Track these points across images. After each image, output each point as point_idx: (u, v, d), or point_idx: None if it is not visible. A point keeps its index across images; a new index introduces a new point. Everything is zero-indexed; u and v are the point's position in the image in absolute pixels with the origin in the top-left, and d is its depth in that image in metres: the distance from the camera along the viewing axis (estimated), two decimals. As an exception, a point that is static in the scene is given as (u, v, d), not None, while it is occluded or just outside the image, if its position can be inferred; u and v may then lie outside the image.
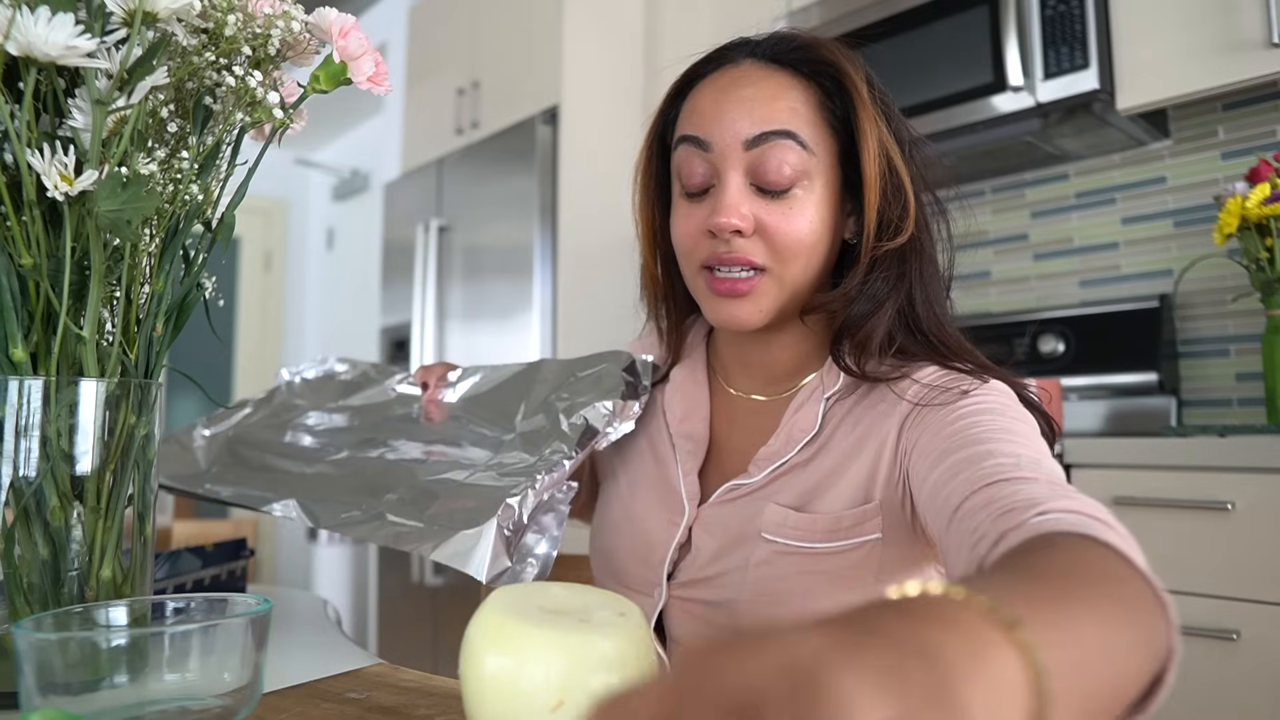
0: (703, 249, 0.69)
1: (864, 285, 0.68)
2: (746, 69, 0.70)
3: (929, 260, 0.70)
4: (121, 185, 0.48)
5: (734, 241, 0.67)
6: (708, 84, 0.71)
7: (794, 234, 0.67)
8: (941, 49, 1.74)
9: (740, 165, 0.67)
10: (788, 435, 0.70)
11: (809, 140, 0.67)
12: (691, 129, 0.70)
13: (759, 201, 0.67)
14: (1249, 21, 1.43)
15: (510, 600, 0.39)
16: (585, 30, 2.41)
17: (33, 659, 0.38)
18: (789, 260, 0.67)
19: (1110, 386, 1.78)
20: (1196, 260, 1.65)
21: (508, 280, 2.38)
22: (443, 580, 2.50)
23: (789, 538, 0.67)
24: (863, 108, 0.67)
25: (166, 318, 0.57)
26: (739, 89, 0.68)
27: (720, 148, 0.67)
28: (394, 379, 0.91)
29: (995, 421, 0.58)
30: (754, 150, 0.66)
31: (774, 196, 0.67)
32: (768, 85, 0.68)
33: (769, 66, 0.70)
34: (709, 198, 0.69)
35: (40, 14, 0.45)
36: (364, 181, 4.18)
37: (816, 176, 0.67)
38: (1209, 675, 1.21)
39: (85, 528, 0.51)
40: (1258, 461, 1.19)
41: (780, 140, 0.66)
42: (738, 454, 0.74)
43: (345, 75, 0.58)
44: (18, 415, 0.49)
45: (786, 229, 0.67)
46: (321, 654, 0.68)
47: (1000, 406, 0.61)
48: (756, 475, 0.70)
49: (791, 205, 0.67)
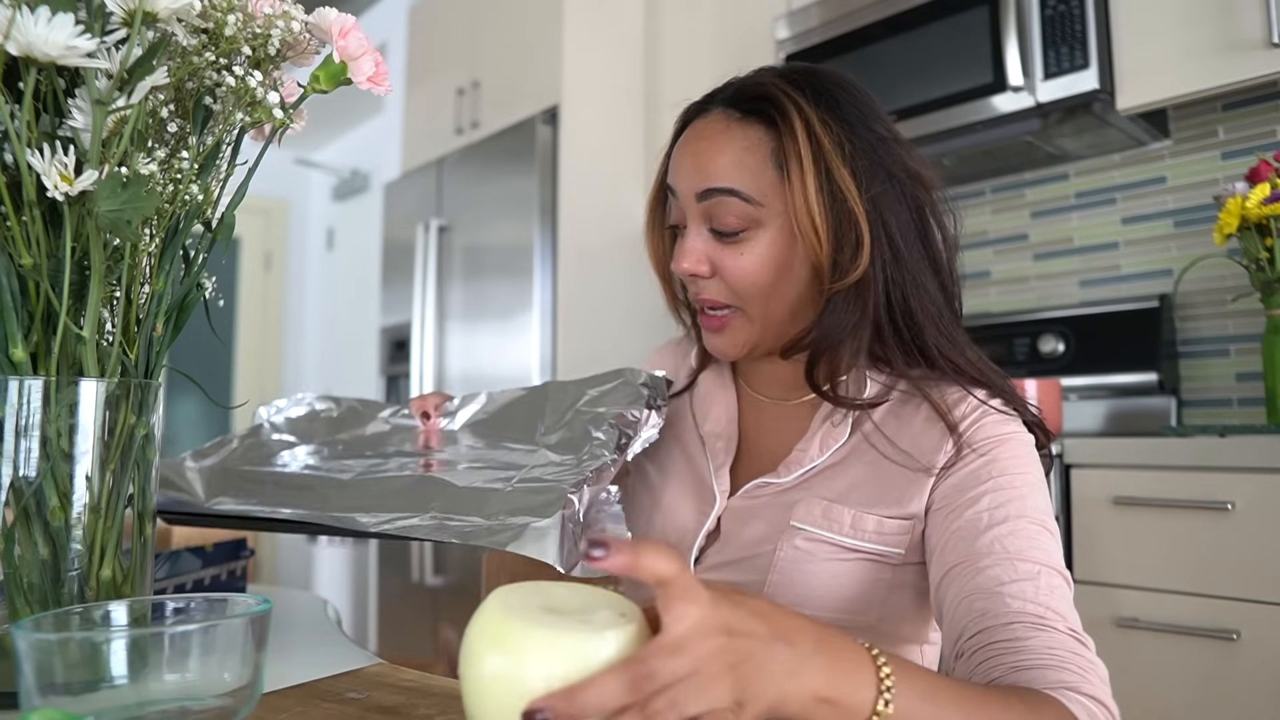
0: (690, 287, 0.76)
1: (821, 321, 0.70)
2: (712, 120, 0.73)
3: (908, 281, 0.69)
4: (121, 185, 0.48)
5: (699, 283, 0.73)
6: (686, 133, 0.76)
7: (747, 274, 0.71)
8: (941, 49, 1.74)
9: (697, 214, 0.72)
10: (820, 442, 0.73)
11: (753, 192, 0.69)
12: (669, 179, 0.76)
13: (715, 245, 0.72)
14: (1249, 21, 1.43)
15: (511, 600, 0.39)
16: (585, 30, 2.41)
17: (32, 659, 0.38)
18: (751, 297, 0.71)
19: (1110, 386, 1.78)
20: (1196, 260, 1.65)
21: (508, 280, 2.38)
22: (443, 580, 2.50)
23: (818, 526, 0.69)
24: (792, 160, 0.68)
25: (166, 318, 0.57)
26: (696, 142, 0.73)
27: (683, 197, 0.73)
28: (386, 412, 0.88)
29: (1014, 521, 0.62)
30: (704, 203, 0.71)
31: (727, 240, 0.71)
32: (719, 140, 0.71)
33: (729, 115, 0.72)
34: None
35: (40, 14, 0.45)
36: (364, 181, 4.18)
37: (768, 221, 0.70)
38: (1209, 675, 1.21)
39: (85, 528, 0.51)
40: (1258, 461, 1.19)
41: (722, 197, 0.70)
42: (766, 453, 0.77)
43: (345, 75, 0.58)
44: (18, 415, 0.49)
45: (737, 269, 0.71)
46: (321, 654, 0.68)
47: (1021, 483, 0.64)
48: (787, 476, 0.73)
49: (743, 248, 0.71)
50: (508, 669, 0.36)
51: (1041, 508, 0.63)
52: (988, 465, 0.65)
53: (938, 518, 0.66)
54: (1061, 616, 0.57)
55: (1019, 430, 0.68)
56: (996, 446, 0.66)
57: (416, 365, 2.61)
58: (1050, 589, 0.58)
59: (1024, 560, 0.59)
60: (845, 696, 0.40)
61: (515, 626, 0.36)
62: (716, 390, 0.83)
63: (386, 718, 0.50)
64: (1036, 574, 0.58)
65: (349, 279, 4.20)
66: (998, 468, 0.65)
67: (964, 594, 0.60)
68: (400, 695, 0.54)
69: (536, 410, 0.80)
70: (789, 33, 2.02)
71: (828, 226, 0.68)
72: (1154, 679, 1.25)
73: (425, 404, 0.86)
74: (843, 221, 0.68)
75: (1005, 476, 0.64)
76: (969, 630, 0.58)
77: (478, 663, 0.37)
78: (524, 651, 0.36)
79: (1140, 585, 1.29)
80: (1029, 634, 0.55)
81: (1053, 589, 0.58)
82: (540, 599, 0.40)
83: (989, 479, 0.64)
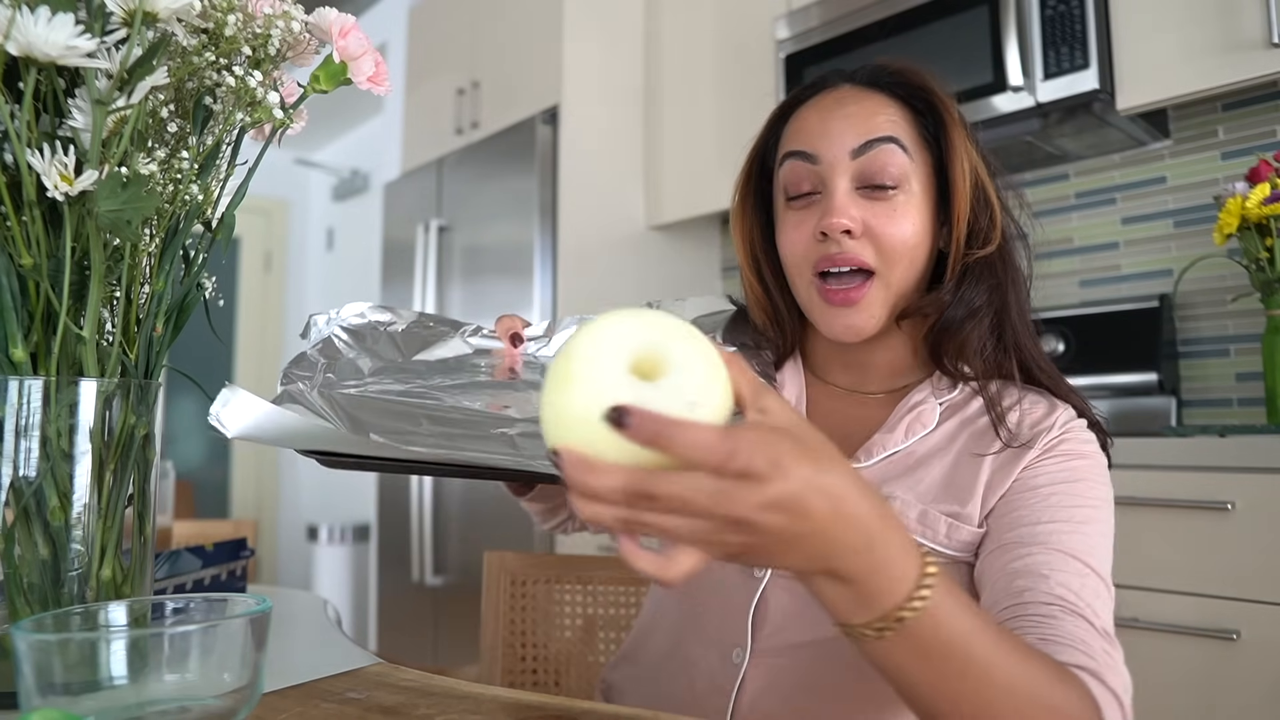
0: (814, 253, 0.72)
1: (958, 291, 0.72)
2: (846, 92, 0.75)
3: (1017, 270, 0.74)
4: (121, 185, 0.48)
5: (844, 243, 0.70)
6: (810, 106, 0.76)
7: (899, 235, 0.70)
8: (941, 49, 1.74)
9: (847, 173, 0.71)
10: (907, 427, 0.73)
11: (910, 148, 0.72)
12: (798, 144, 0.74)
13: (865, 205, 0.71)
14: (1249, 21, 1.43)
15: None
16: (585, 30, 2.41)
17: (32, 659, 0.38)
18: (895, 262, 0.71)
19: (1110, 386, 1.78)
20: (1196, 260, 1.65)
21: (508, 280, 2.38)
22: (442, 580, 2.50)
23: (913, 531, 0.68)
24: (954, 126, 0.72)
25: (166, 318, 0.57)
26: (842, 107, 0.73)
27: (828, 159, 0.72)
28: (464, 332, 0.78)
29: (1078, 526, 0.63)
30: (861, 158, 0.71)
31: (879, 200, 0.71)
32: (868, 103, 0.73)
33: (867, 89, 0.75)
34: (816, 204, 0.73)
35: (40, 14, 0.45)
36: (364, 181, 4.18)
37: (916, 182, 0.72)
38: (1209, 675, 1.21)
39: (85, 528, 0.51)
40: (1258, 461, 1.19)
41: (885, 145, 0.71)
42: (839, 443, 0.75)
43: (345, 75, 0.58)
44: (18, 415, 0.49)
45: (892, 230, 0.70)
46: (321, 654, 0.68)
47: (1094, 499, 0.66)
48: (866, 461, 0.72)
49: (895, 208, 0.71)
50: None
51: (1104, 529, 0.65)
52: (1067, 472, 0.67)
53: (1005, 504, 0.67)
54: (1098, 616, 0.58)
55: (1099, 453, 0.70)
56: (1080, 460, 0.68)
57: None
58: (1095, 592, 0.60)
59: (1077, 559, 0.61)
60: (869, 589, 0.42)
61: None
62: (786, 375, 0.81)
63: (386, 718, 0.50)
64: (1085, 574, 0.60)
65: (349, 279, 4.20)
66: (1076, 477, 0.67)
67: (1010, 572, 0.61)
68: (400, 695, 0.54)
69: None
70: (789, 33, 2.02)
71: (972, 195, 0.72)
72: (1154, 679, 1.25)
73: (514, 324, 0.78)
74: (979, 197, 0.72)
75: (1082, 483, 0.66)
76: (1003, 603, 0.60)
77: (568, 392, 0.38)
78: None
79: (1140, 585, 1.29)
80: (1063, 616, 0.57)
81: (1097, 593, 0.60)
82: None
83: (1064, 483, 0.66)
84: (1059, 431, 0.69)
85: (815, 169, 0.72)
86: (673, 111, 2.44)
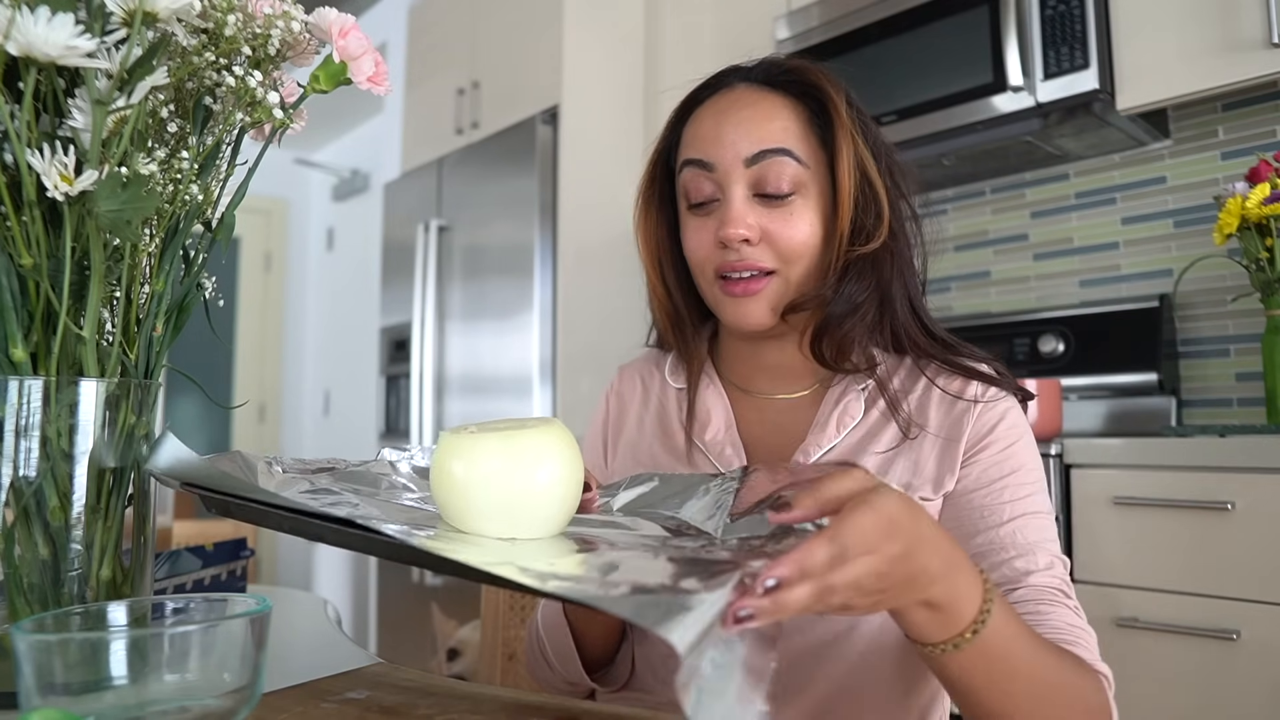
0: (715, 259, 0.74)
1: (839, 287, 0.73)
2: (741, 92, 0.75)
3: (905, 263, 0.75)
4: (121, 185, 0.48)
5: (743, 250, 0.72)
6: (707, 108, 0.76)
7: (797, 237, 0.72)
8: (941, 49, 1.74)
9: (742, 180, 0.72)
10: (836, 421, 0.74)
11: (802, 155, 0.73)
12: (695, 152, 0.75)
13: (761, 210, 0.72)
14: (1249, 21, 1.43)
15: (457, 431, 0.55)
16: (585, 30, 2.41)
17: (32, 659, 0.38)
18: (794, 262, 0.73)
19: (1110, 386, 1.78)
20: (1196, 260, 1.65)
21: (508, 280, 2.38)
22: (442, 580, 2.50)
23: None
24: (840, 126, 0.72)
25: (166, 318, 0.57)
26: (736, 111, 0.74)
27: (723, 167, 0.73)
28: None
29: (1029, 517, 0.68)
30: (754, 167, 0.72)
31: (775, 205, 0.72)
32: (762, 106, 0.74)
33: (761, 89, 0.75)
34: (716, 210, 0.74)
35: (40, 14, 0.45)
36: (364, 181, 4.18)
37: (811, 184, 0.73)
38: (1209, 675, 1.21)
39: (85, 528, 0.51)
40: (1258, 461, 1.19)
41: (777, 157, 0.72)
42: (775, 451, 0.77)
43: (345, 75, 0.58)
44: (18, 415, 0.49)
45: (790, 234, 0.72)
46: (321, 654, 0.68)
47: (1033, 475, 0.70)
48: (805, 461, 0.73)
49: (792, 211, 0.72)
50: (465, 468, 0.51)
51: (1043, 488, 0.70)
52: (1003, 455, 0.70)
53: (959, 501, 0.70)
54: (1066, 594, 0.65)
55: (1012, 403, 0.73)
56: (1005, 427, 0.71)
57: (416, 365, 2.61)
58: (1061, 575, 0.66)
59: (1043, 552, 0.66)
60: (954, 611, 0.48)
61: (465, 440, 0.52)
62: (708, 395, 0.80)
63: (386, 718, 0.50)
64: (1051, 565, 0.66)
65: (349, 279, 4.20)
66: (1012, 459, 0.70)
67: None
68: (400, 695, 0.54)
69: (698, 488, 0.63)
70: (789, 33, 2.02)
71: (857, 193, 0.72)
72: (1154, 679, 1.25)
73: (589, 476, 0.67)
74: (866, 192, 0.73)
75: (1021, 471, 0.70)
76: None
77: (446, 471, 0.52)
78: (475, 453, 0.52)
79: (1140, 585, 1.29)
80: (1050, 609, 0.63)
81: (1062, 574, 0.66)
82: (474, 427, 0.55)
83: (1009, 473, 0.69)
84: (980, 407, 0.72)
85: (712, 176, 0.74)
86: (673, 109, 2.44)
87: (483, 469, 0.51)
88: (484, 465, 0.51)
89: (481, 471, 0.51)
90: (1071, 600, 0.65)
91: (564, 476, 0.54)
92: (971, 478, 0.70)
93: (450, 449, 0.53)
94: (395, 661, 0.64)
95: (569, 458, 0.54)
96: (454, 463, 0.52)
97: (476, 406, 2.46)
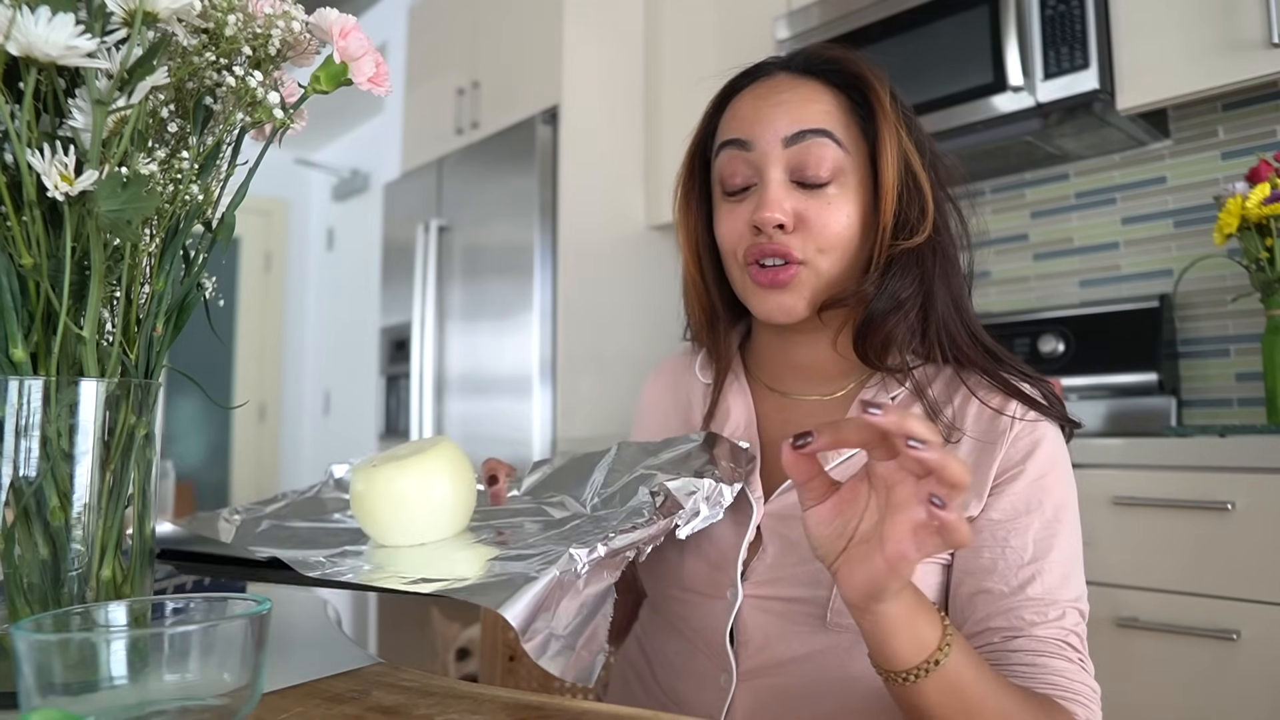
0: (746, 243, 0.72)
1: (882, 283, 0.71)
2: (781, 79, 0.74)
3: (950, 261, 0.73)
4: (121, 185, 0.48)
5: (776, 235, 0.70)
6: (746, 94, 0.75)
7: (833, 227, 0.70)
8: (941, 49, 1.74)
9: (780, 162, 0.71)
10: None
11: (843, 139, 0.71)
12: (733, 133, 0.73)
13: (799, 196, 0.70)
14: (1249, 21, 1.43)
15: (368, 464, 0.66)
16: (585, 30, 2.41)
17: (32, 659, 0.38)
18: (827, 252, 0.71)
19: (1110, 386, 1.78)
20: (1196, 260, 1.65)
21: (508, 280, 2.38)
22: (443, 580, 2.49)
23: None
24: (884, 116, 0.71)
25: (166, 318, 0.57)
26: (776, 94, 0.73)
27: (761, 146, 0.71)
28: None
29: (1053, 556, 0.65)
30: (793, 148, 0.70)
31: (813, 191, 0.70)
32: (803, 90, 0.72)
33: (802, 77, 0.74)
34: (751, 196, 0.72)
35: (40, 14, 0.45)
36: (364, 181, 4.18)
37: (851, 174, 0.71)
38: (1209, 675, 1.21)
39: (85, 528, 0.51)
40: (1258, 461, 1.19)
41: (817, 138, 0.70)
42: None
43: (345, 76, 0.58)
44: (18, 415, 0.49)
45: (826, 221, 0.70)
46: (321, 654, 0.68)
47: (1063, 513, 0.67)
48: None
49: (830, 200, 0.70)
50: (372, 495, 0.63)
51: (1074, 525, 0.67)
52: (1035, 489, 0.66)
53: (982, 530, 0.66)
54: (1073, 648, 0.63)
55: (1052, 430, 0.69)
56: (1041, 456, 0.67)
57: (416, 365, 2.61)
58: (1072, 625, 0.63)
59: (1055, 604, 0.63)
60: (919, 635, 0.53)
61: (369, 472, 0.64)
62: (731, 392, 0.80)
63: (386, 718, 0.50)
64: (1062, 615, 0.63)
65: (349, 279, 4.20)
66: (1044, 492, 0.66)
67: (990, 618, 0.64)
68: (400, 695, 0.54)
69: (590, 471, 0.75)
70: (789, 33, 2.02)
71: (901, 186, 0.70)
72: (1154, 679, 1.25)
73: (497, 468, 0.80)
74: (910, 185, 0.71)
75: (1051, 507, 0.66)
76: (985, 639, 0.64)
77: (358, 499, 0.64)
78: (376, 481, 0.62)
79: (1140, 585, 1.29)
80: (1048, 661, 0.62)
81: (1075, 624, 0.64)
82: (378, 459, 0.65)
83: (1037, 508, 0.66)
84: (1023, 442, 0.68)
85: (749, 156, 0.72)
86: (673, 111, 2.44)
87: (385, 494, 0.62)
88: (385, 490, 0.62)
89: (385, 496, 0.62)
90: (1077, 652, 0.62)
91: (454, 487, 0.63)
92: (998, 509, 0.66)
93: (359, 481, 0.63)
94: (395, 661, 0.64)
95: (456, 470, 0.64)
96: (363, 492, 0.63)
97: (476, 406, 2.46)
